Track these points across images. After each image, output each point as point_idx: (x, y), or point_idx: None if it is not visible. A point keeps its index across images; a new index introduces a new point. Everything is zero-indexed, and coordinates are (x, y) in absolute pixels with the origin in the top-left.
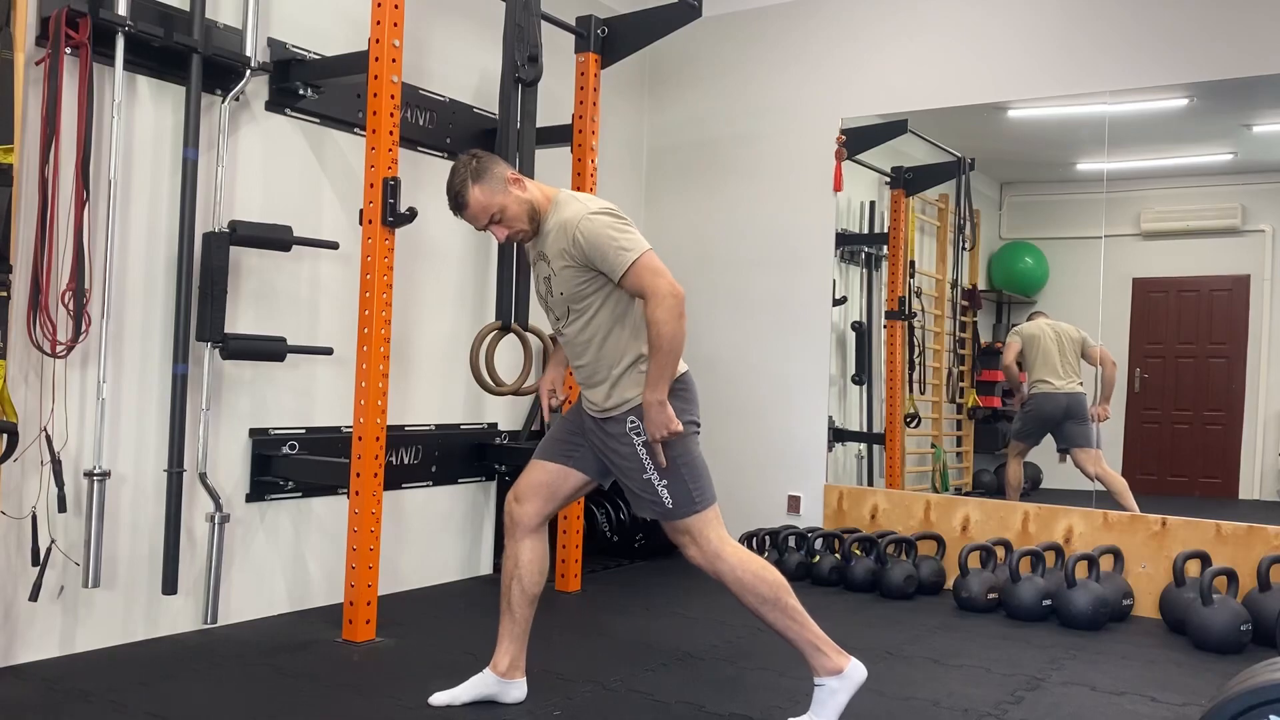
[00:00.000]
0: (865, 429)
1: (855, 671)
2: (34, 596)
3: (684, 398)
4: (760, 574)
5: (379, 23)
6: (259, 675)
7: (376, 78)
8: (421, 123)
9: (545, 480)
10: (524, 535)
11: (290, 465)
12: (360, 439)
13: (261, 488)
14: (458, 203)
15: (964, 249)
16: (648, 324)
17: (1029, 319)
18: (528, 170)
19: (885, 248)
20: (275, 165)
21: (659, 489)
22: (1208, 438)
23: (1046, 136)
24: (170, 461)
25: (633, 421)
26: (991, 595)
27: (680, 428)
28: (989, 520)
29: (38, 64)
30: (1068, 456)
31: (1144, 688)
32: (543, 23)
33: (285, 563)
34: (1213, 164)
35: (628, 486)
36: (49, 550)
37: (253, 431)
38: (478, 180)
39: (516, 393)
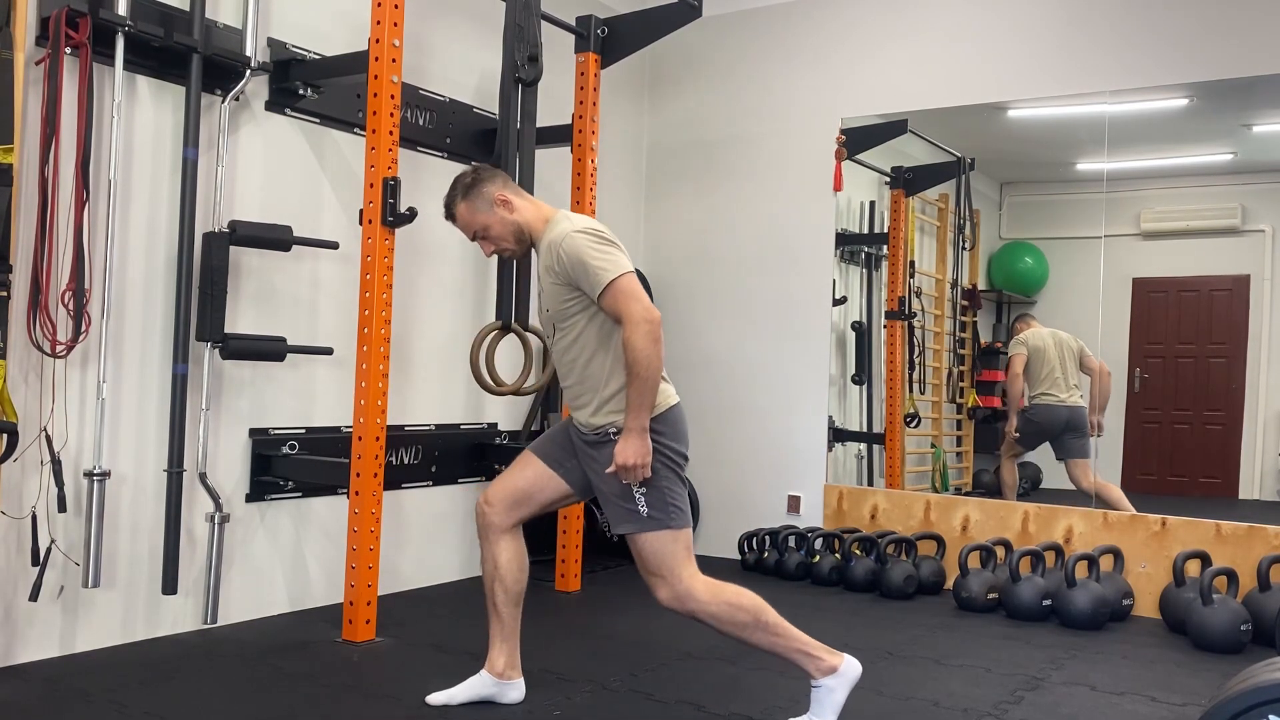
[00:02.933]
0: (865, 429)
1: (850, 669)
2: (34, 596)
3: (671, 434)
4: (734, 602)
5: (379, 23)
6: (259, 675)
7: (376, 78)
8: (421, 123)
9: (523, 486)
10: (498, 537)
11: (290, 465)
12: (360, 439)
13: (261, 488)
14: (447, 213)
15: (964, 249)
16: (624, 349)
17: (1019, 320)
18: (528, 171)
19: (885, 248)
20: (275, 165)
21: (636, 494)
22: (1208, 438)
23: (1046, 136)
24: (170, 461)
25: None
26: (991, 595)
27: (648, 472)
28: (989, 520)
29: (38, 64)
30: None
31: (1144, 688)
32: (543, 23)
33: (285, 563)
34: (1213, 164)
35: (604, 493)
36: (49, 550)
37: (253, 431)
38: (466, 197)
39: (516, 393)
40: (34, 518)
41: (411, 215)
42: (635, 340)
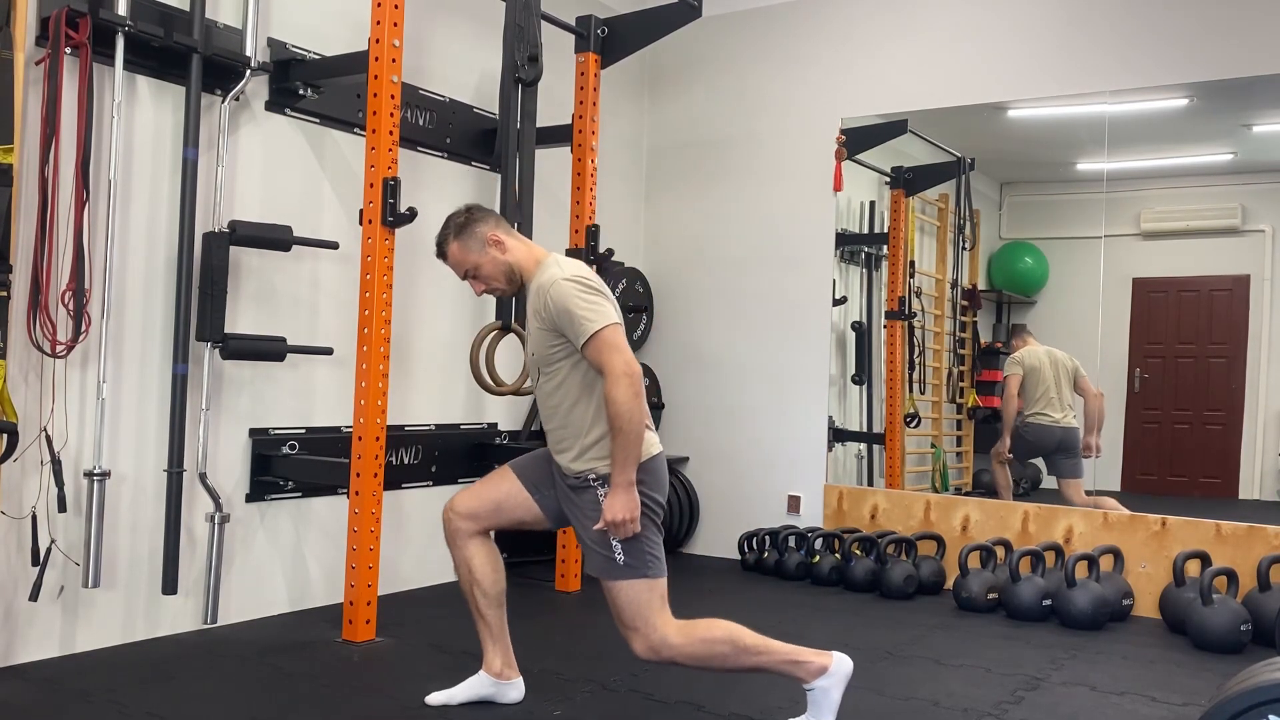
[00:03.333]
0: (865, 429)
1: (840, 665)
2: (34, 596)
3: (652, 483)
4: (708, 637)
5: (379, 23)
6: (259, 675)
7: (376, 78)
8: (421, 123)
9: (497, 499)
10: (466, 541)
11: (290, 465)
12: (360, 439)
13: (261, 488)
14: (439, 251)
15: (964, 249)
16: (605, 402)
17: (1015, 336)
18: (528, 171)
19: (885, 248)
20: (275, 165)
21: (613, 543)
22: (1208, 438)
23: (1046, 136)
24: (170, 461)
25: (600, 491)
26: (991, 595)
27: (638, 526)
28: (989, 520)
29: (38, 64)
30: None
31: (1144, 688)
32: (543, 23)
33: (285, 563)
34: (1213, 164)
35: (582, 539)
36: (49, 550)
37: (253, 431)
38: (458, 236)
39: (516, 393)
40: (34, 518)
41: (411, 215)
42: (617, 395)
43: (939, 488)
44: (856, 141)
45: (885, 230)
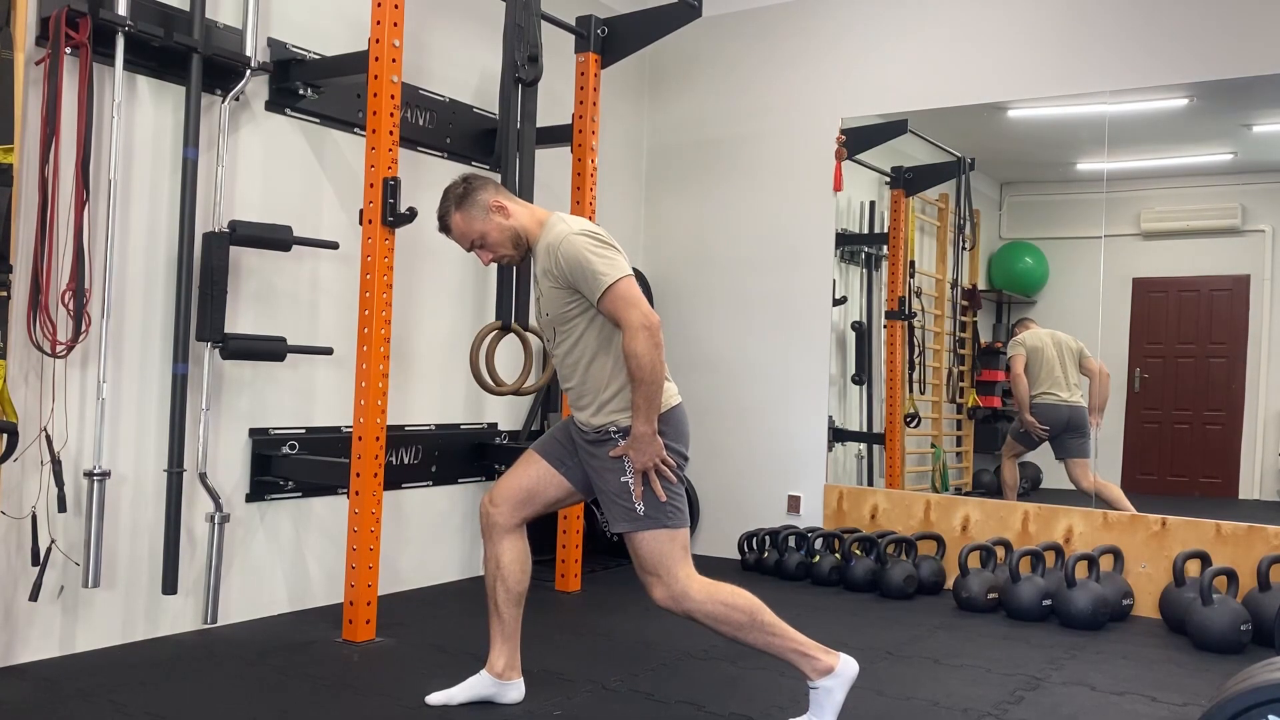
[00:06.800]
0: (865, 429)
1: (847, 668)
2: (34, 596)
3: (673, 434)
4: (730, 602)
5: (379, 23)
6: (259, 675)
7: (376, 78)
8: (421, 123)
9: (527, 485)
10: (501, 536)
11: (290, 465)
12: (360, 439)
13: (261, 488)
14: (441, 225)
15: (964, 249)
16: (625, 356)
17: (1018, 324)
18: (528, 171)
19: (885, 248)
20: (275, 165)
21: (633, 492)
22: (1208, 438)
23: (1046, 136)
24: (170, 461)
25: (620, 442)
26: (991, 595)
27: (665, 470)
28: (989, 520)
29: (38, 64)
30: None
31: (1144, 688)
32: (543, 23)
33: (285, 563)
34: (1213, 164)
35: (603, 491)
36: (49, 550)
37: (253, 431)
38: (460, 207)
39: (516, 393)
40: (34, 518)
41: (411, 215)
42: (635, 347)
43: (939, 488)
44: (856, 141)
45: (885, 230)
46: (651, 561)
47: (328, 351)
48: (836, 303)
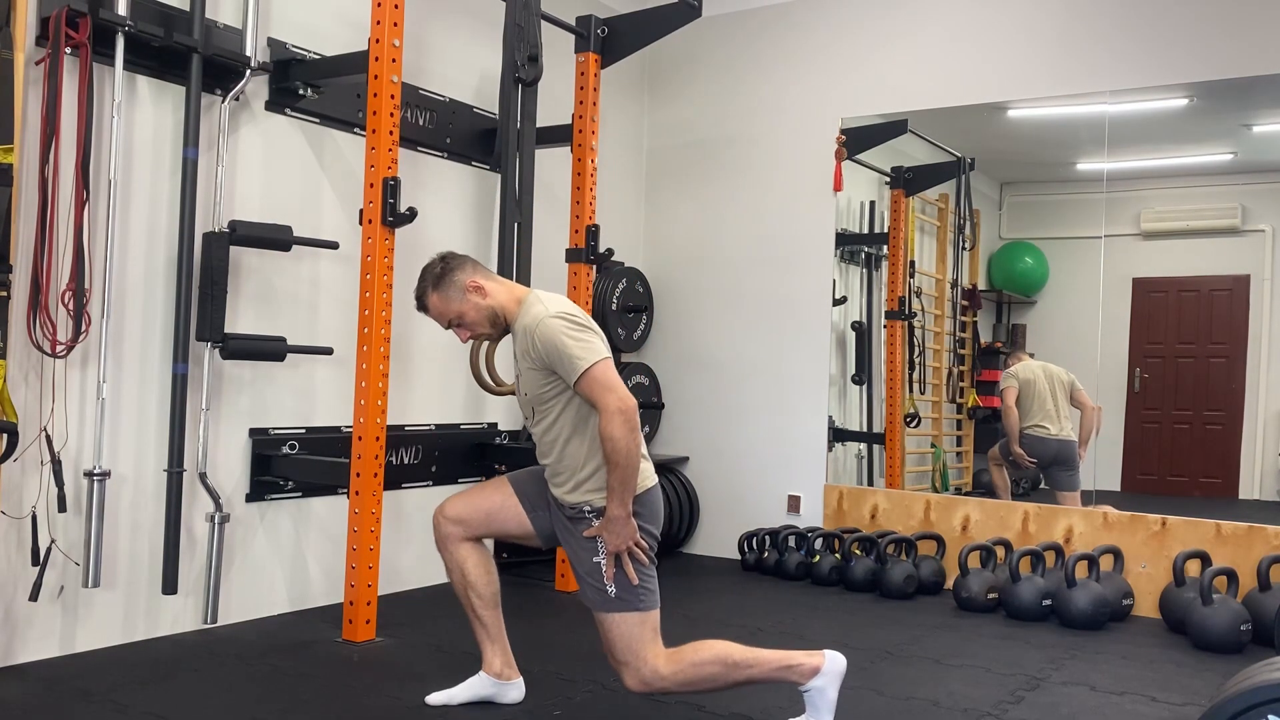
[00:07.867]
0: (865, 429)
1: (833, 664)
2: (34, 596)
3: (648, 515)
4: (698, 659)
5: (379, 23)
6: (259, 675)
7: (376, 78)
8: (421, 123)
9: (488, 509)
10: (457, 545)
11: (290, 465)
12: (360, 439)
13: (261, 488)
14: (419, 304)
15: (964, 249)
16: (601, 439)
17: (1009, 355)
18: (528, 171)
19: (885, 248)
20: (275, 165)
21: (605, 573)
22: (1208, 438)
23: (1046, 136)
24: (170, 461)
25: (595, 522)
26: (991, 595)
27: (639, 553)
28: (989, 520)
29: (38, 64)
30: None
31: (1144, 688)
32: (543, 23)
33: (285, 563)
34: (1213, 164)
35: (576, 568)
36: (49, 550)
37: (253, 431)
38: (437, 287)
39: (516, 393)
40: (34, 518)
41: (411, 215)
42: (612, 430)
43: (939, 488)
44: (856, 141)
45: (885, 230)
46: (621, 648)
47: (328, 351)
48: (836, 302)
